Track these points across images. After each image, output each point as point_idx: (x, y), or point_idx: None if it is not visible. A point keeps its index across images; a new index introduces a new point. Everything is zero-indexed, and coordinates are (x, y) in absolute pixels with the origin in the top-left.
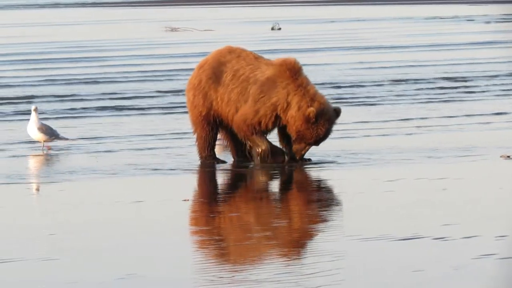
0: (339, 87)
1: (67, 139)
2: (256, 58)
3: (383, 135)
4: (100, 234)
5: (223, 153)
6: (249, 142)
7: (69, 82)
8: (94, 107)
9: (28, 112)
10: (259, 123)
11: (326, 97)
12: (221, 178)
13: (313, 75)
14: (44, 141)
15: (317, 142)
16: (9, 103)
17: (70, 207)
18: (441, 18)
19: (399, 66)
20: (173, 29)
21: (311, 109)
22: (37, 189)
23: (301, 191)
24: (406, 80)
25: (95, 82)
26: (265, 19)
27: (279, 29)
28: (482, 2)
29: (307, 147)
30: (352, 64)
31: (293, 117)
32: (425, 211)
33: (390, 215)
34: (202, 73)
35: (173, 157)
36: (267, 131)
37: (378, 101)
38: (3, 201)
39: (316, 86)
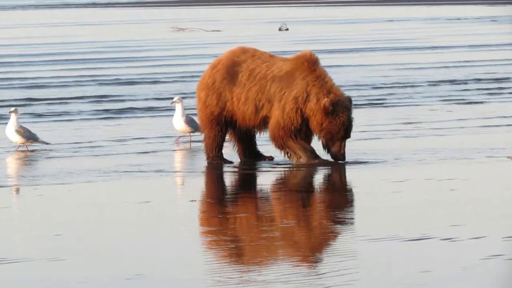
0: (358, 89)
1: (47, 143)
2: (271, 56)
3: (405, 136)
4: (107, 234)
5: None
6: (287, 150)
7: (103, 82)
8: (123, 108)
9: (61, 113)
10: (291, 120)
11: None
12: (229, 179)
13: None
14: (22, 144)
15: (346, 133)
16: (46, 103)
17: (76, 208)
18: (465, 19)
19: (421, 68)
20: (180, 29)
21: (325, 99)
22: (44, 190)
23: (309, 192)
24: (438, 82)
25: (132, 83)
26: (272, 20)
27: (287, 29)
28: (502, 2)
29: (342, 143)
30: (367, 67)
31: (313, 110)
32: (433, 212)
33: (398, 216)
34: (216, 73)
35: (181, 158)
36: (299, 129)
37: (407, 103)
38: (10, 202)
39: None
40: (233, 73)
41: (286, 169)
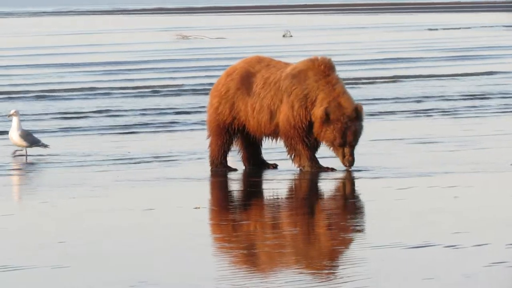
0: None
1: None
2: (286, 64)
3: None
4: (110, 242)
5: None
6: (294, 153)
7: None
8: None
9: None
10: (300, 118)
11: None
12: (233, 186)
13: None
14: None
15: (345, 140)
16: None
17: (79, 215)
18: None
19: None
20: (184, 37)
21: (321, 108)
22: (47, 197)
23: (312, 200)
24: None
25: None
26: (275, 27)
27: (291, 36)
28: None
29: (345, 150)
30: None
31: (315, 116)
32: (436, 219)
33: (401, 223)
34: (230, 81)
35: (185, 166)
36: (308, 129)
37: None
38: (13, 209)
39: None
40: (247, 84)
41: (290, 177)
